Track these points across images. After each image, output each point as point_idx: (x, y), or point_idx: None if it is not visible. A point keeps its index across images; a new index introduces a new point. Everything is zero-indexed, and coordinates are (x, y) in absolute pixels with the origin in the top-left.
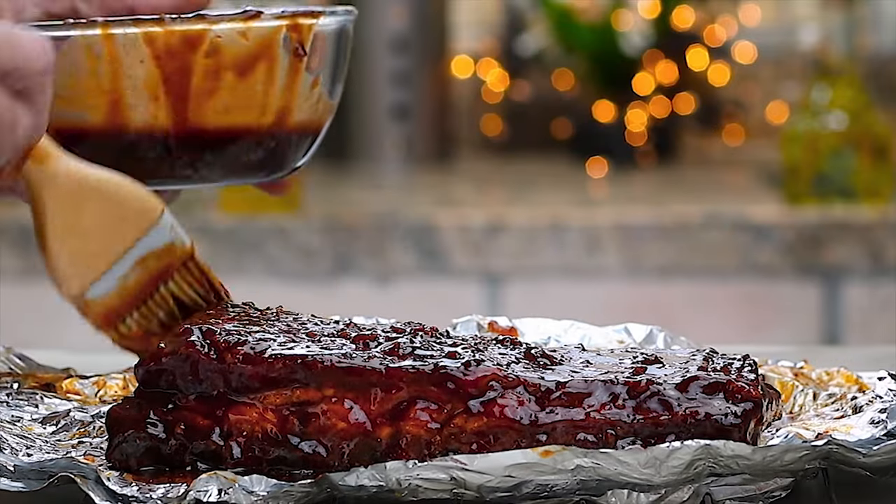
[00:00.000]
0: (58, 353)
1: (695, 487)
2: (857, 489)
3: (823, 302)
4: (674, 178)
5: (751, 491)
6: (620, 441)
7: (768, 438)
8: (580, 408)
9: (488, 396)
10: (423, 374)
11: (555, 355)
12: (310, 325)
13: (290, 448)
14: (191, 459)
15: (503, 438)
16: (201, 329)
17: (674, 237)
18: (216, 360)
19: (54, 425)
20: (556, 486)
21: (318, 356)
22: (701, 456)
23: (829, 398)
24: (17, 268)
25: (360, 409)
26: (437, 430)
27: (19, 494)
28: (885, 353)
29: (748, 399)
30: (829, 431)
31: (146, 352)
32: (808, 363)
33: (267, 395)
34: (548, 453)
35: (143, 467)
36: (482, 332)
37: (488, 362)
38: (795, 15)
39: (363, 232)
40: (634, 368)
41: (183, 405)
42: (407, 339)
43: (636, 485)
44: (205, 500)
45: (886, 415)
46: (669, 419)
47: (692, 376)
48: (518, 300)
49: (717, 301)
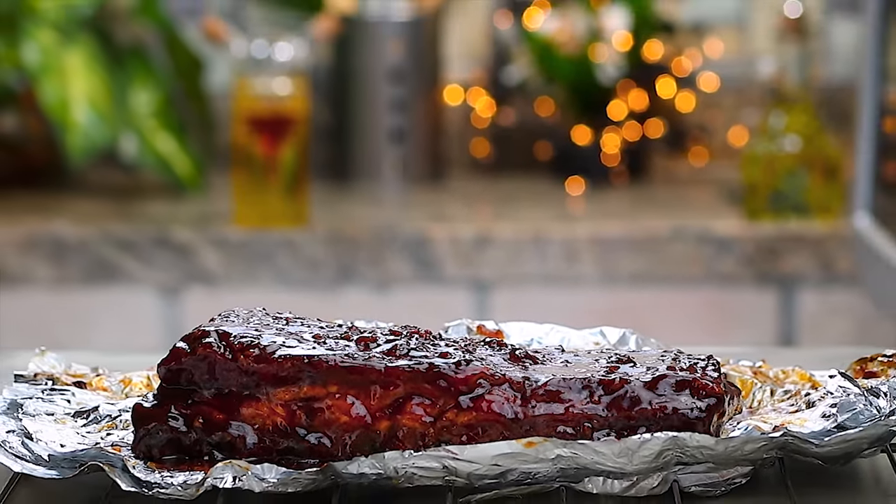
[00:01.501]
0: (87, 354)
1: (663, 475)
2: (811, 477)
3: (779, 307)
4: (644, 196)
5: (714, 478)
6: (596, 433)
7: (730, 431)
8: (560, 403)
9: (477, 393)
10: (418, 372)
11: (537, 356)
12: (315, 329)
13: (297, 439)
14: (208, 450)
15: (490, 431)
16: (218, 332)
17: (644, 249)
18: (231, 360)
19: (85, 419)
20: (539, 473)
21: (324, 356)
22: (669, 446)
23: (785, 394)
24: (51, 277)
25: (361, 404)
26: (430, 423)
27: (53, 481)
28: (835, 353)
29: (712, 395)
30: (785, 424)
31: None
32: (766, 363)
33: (277, 391)
34: (531, 444)
35: (165, 457)
36: (471, 334)
37: (477, 362)
38: (754, 48)
39: (364, 244)
40: (609, 367)
41: (201, 401)
42: (404, 340)
43: (611, 472)
44: (221, 487)
45: (837, 409)
46: (640, 413)
47: (661, 374)
48: (504, 306)
49: (683, 306)
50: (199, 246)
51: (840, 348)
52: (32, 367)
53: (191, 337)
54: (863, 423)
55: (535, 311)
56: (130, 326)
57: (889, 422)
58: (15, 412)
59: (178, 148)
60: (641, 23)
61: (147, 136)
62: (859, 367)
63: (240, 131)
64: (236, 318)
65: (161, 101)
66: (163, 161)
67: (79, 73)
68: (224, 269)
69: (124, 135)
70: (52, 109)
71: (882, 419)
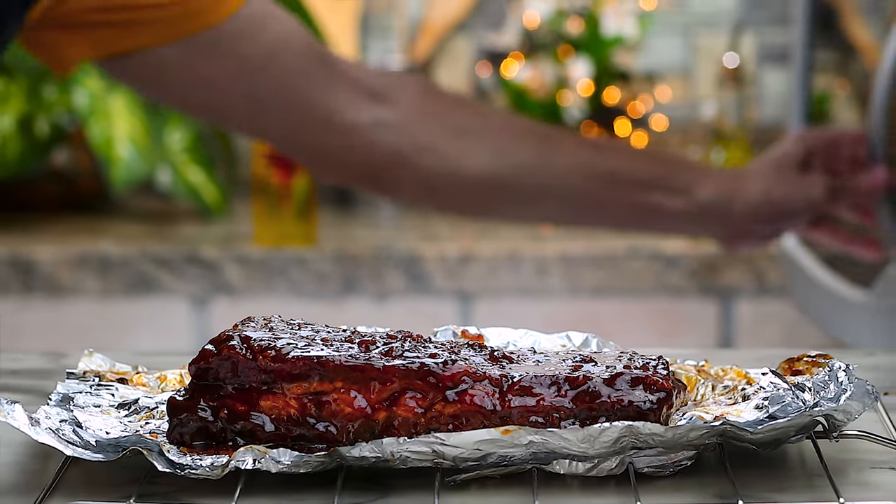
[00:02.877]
0: (129, 355)
1: (620, 458)
2: (746, 459)
3: (719, 315)
4: None
5: (663, 460)
6: (563, 422)
7: (677, 420)
8: (532, 397)
9: (461, 388)
10: (410, 370)
11: (512, 356)
12: (323, 333)
13: (308, 427)
14: (232, 437)
15: (473, 420)
16: (240, 336)
17: (604, 265)
18: (252, 360)
19: (126, 410)
20: (514, 456)
21: (330, 357)
22: (625, 434)
23: (724, 389)
24: (98, 289)
25: (362, 397)
26: (421, 414)
27: (99, 463)
28: (767, 354)
29: (661, 390)
30: (724, 415)
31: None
32: (708, 362)
33: (290, 386)
34: (507, 431)
35: (195, 442)
36: (456, 338)
37: (461, 362)
38: (698, 94)
39: (365, 261)
40: (574, 366)
41: (226, 395)
42: (398, 343)
43: (575, 456)
44: (242, 468)
45: (768, 402)
46: (601, 405)
47: (618, 372)
48: (484, 314)
49: (637, 314)
50: (224, 262)
51: (771, 350)
52: (82, 366)
53: (217, 340)
54: (790, 414)
55: (511, 319)
56: (165, 331)
57: (813, 413)
58: (67, 404)
59: (206, 179)
60: (602, 72)
61: (180, 169)
62: (787, 366)
63: (259, 164)
64: (256, 324)
65: (191, 139)
66: (193, 190)
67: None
68: (245, 282)
69: (160, 168)
70: (98, 146)
71: (807, 411)
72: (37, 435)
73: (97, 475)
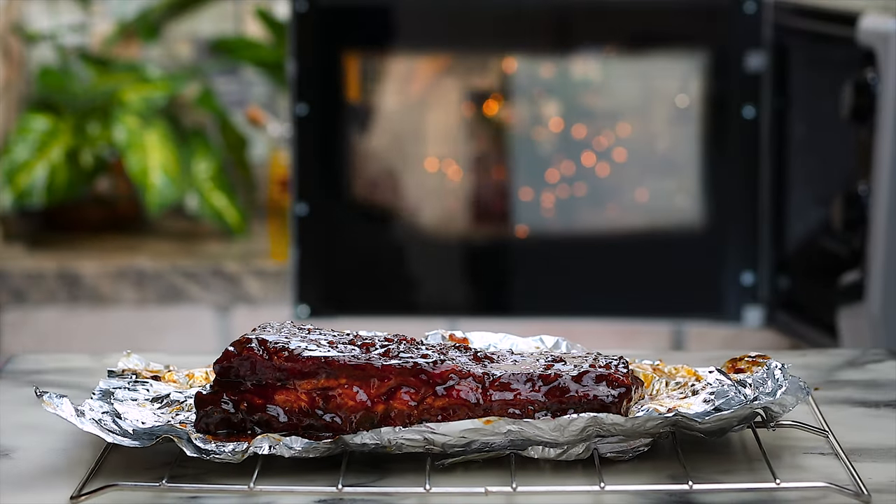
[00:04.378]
0: (161, 356)
1: (586, 444)
2: (695, 445)
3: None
4: None
5: (624, 447)
6: (537, 413)
7: (636, 412)
8: (510, 392)
9: (449, 384)
10: (405, 369)
11: (493, 356)
12: (329, 336)
13: (316, 418)
14: (250, 426)
15: (459, 412)
16: (258, 339)
17: None
18: (268, 360)
19: (159, 403)
20: (494, 443)
21: (336, 357)
22: (591, 424)
23: (676, 385)
24: (135, 299)
25: (363, 392)
26: (414, 406)
27: (136, 449)
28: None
29: (622, 386)
30: (676, 407)
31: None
32: (662, 362)
33: (301, 383)
34: (489, 422)
35: (219, 431)
36: (445, 341)
37: (449, 361)
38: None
39: None
40: (546, 365)
41: (245, 390)
42: (395, 345)
43: (547, 443)
44: (260, 453)
45: (714, 396)
46: (570, 399)
47: (585, 370)
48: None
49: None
50: (244, 276)
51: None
52: (121, 365)
53: (238, 342)
54: (734, 407)
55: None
56: (193, 335)
57: (753, 405)
58: (108, 398)
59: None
60: (570, 110)
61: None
62: (731, 365)
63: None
64: (271, 329)
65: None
66: (217, 213)
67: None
68: (262, 293)
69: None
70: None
71: (748, 404)
72: (82, 425)
73: (134, 459)
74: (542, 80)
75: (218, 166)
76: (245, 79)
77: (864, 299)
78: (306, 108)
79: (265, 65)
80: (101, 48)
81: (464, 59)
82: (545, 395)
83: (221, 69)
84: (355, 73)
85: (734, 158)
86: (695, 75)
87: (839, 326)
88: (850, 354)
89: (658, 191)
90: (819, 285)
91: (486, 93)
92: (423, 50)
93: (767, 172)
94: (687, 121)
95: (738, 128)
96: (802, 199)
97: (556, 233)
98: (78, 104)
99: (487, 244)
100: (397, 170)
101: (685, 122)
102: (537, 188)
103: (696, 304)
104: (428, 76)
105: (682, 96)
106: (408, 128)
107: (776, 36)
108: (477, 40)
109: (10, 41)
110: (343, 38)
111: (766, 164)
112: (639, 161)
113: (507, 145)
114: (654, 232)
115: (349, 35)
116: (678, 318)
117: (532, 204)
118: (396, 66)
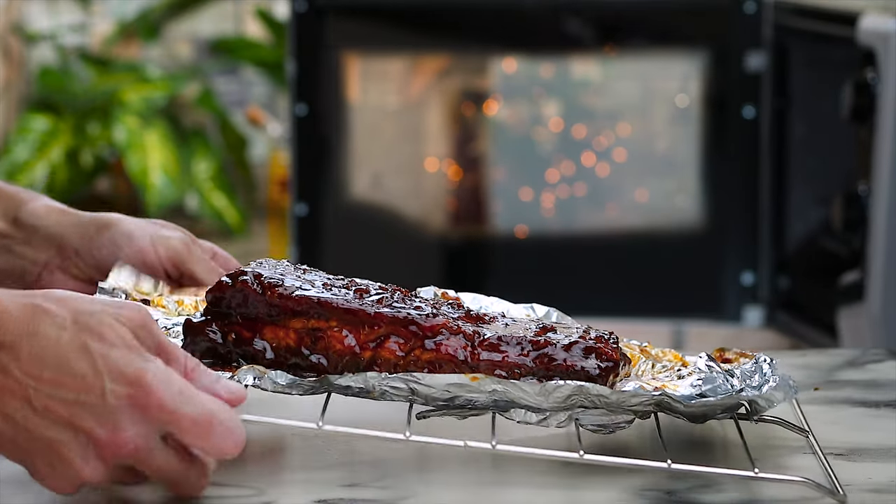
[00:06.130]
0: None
1: (569, 413)
2: (675, 427)
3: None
4: None
5: (605, 421)
6: (524, 378)
7: (621, 386)
8: (499, 353)
9: (438, 339)
10: (397, 318)
11: (485, 317)
12: (324, 279)
13: (302, 358)
14: (236, 358)
15: (445, 368)
16: (253, 273)
17: None
18: (261, 295)
19: None
20: (478, 401)
21: (328, 299)
22: (576, 393)
23: (662, 368)
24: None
25: (352, 337)
26: (402, 357)
27: None
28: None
29: (610, 360)
30: (663, 387)
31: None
32: (651, 344)
33: (292, 320)
34: (475, 378)
35: (205, 360)
36: (437, 297)
37: (441, 316)
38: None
39: None
40: (537, 332)
41: (234, 321)
42: (389, 295)
43: (531, 407)
44: (244, 383)
45: (702, 382)
46: (557, 367)
47: (575, 341)
48: None
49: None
50: None
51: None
52: (111, 282)
53: (233, 274)
54: (720, 395)
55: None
56: None
57: (740, 396)
58: None
59: (229, 203)
60: (570, 111)
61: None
62: (719, 354)
63: (273, 191)
64: (267, 265)
65: (216, 168)
66: (217, 213)
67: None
68: None
69: (189, 193)
70: (135, 175)
71: (734, 394)
72: None
73: None
74: (542, 80)
75: (218, 166)
76: (245, 79)
77: (864, 299)
78: (306, 108)
79: (265, 65)
80: (101, 48)
81: (463, 59)
82: (533, 360)
83: (221, 69)
84: (355, 73)
85: (734, 158)
86: (695, 75)
87: (839, 326)
88: (850, 354)
89: (658, 191)
90: (819, 285)
91: (485, 93)
92: (422, 50)
93: (767, 172)
94: (687, 121)
95: (738, 128)
96: (802, 199)
97: (555, 233)
98: (78, 104)
99: (487, 244)
100: (397, 170)
101: (685, 122)
102: (537, 188)
103: (696, 304)
104: (427, 76)
105: (681, 96)
106: (407, 128)
107: (776, 36)
108: (477, 40)
109: (10, 41)
110: (343, 38)
111: (766, 164)
112: (639, 161)
113: (507, 145)
114: (654, 232)
115: (349, 35)
116: (678, 318)
117: (532, 204)
118: (396, 66)
